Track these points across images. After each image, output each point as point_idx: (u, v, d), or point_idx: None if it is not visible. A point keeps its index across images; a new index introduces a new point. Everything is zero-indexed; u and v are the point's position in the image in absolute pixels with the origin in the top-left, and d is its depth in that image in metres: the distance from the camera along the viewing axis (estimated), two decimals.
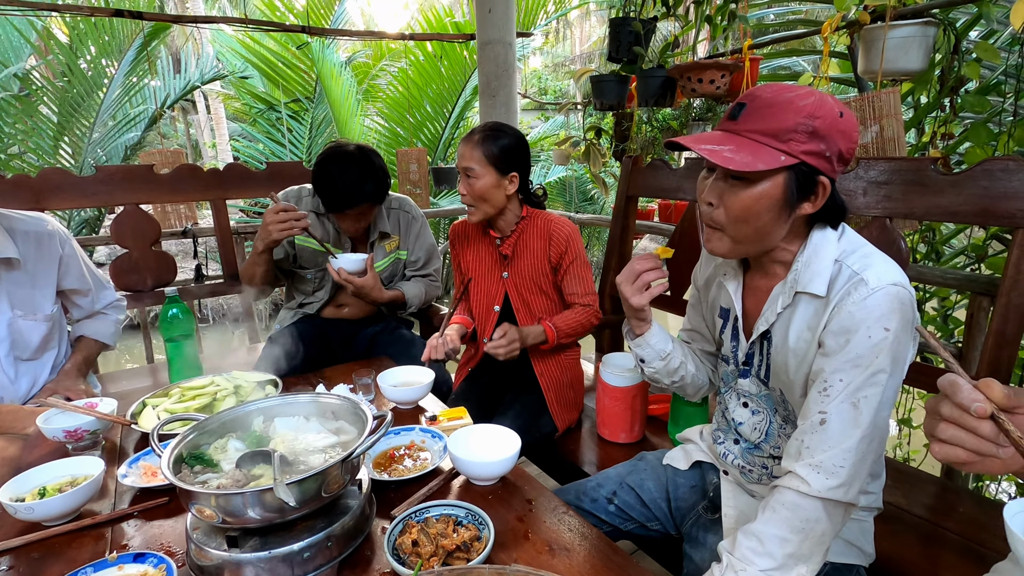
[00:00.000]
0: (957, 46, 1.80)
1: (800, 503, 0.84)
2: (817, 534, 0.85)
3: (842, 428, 0.83)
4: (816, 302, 0.89)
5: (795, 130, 0.81)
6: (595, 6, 13.47)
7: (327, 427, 0.98)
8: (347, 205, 1.72)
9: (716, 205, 0.89)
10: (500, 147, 1.50)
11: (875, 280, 0.82)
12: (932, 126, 1.91)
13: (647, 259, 1.01)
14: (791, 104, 0.82)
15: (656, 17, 2.46)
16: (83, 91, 5.80)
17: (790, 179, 0.84)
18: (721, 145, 0.84)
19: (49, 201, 1.98)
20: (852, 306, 0.82)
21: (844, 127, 0.83)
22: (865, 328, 0.81)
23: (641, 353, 1.12)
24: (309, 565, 0.81)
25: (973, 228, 2.16)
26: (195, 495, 0.77)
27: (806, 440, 0.85)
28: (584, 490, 1.23)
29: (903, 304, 0.81)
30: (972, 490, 1.61)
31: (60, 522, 0.96)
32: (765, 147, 0.83)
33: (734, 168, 0.81)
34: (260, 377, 1.43)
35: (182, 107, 13.13)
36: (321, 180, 1.71)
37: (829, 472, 0.83)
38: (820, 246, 0.89)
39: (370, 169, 1.73)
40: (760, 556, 0.85)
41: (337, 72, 6.27)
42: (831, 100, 0.83)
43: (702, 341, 1.20)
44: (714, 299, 1.11)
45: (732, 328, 1.04)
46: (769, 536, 0.85)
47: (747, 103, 0.86)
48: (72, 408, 1.21)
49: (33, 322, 1.55)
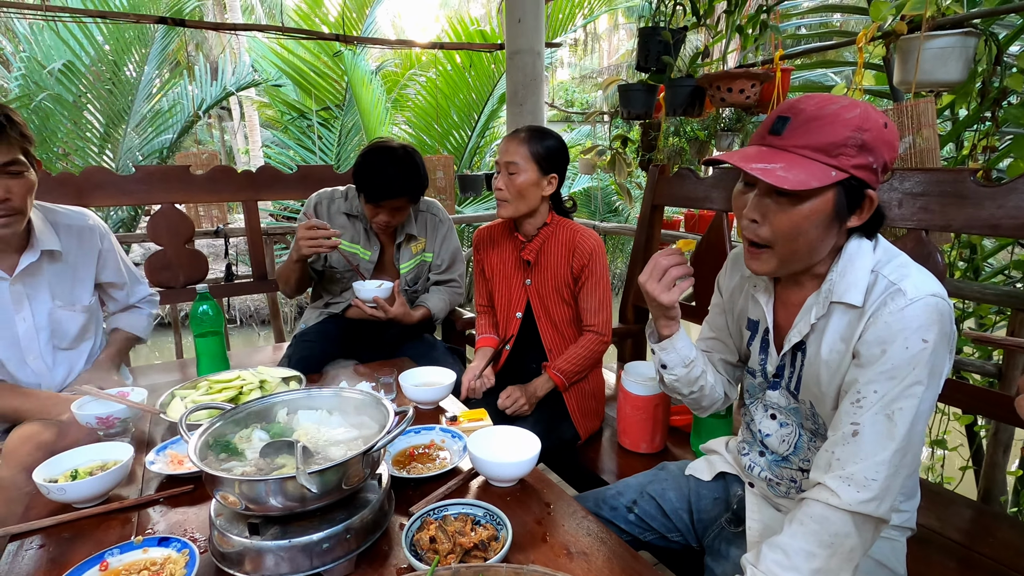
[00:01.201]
0: (999, 57, 1.75)
1: (829, 516, 0.82)
2: (846, 549, 0.82)
3: (875, 440, 0.80)
4: (851, 313, 0.87)
5: (845, 143, 0.79)
6: (624, 19, 13.48)
7: (349, 422, 0.99)
8: (388, 195, 1.74)
9: (761, 223, 0.86)
10: (545, 147, 1.53)
11: (913, 291, 0.80)
12: (972, 139, 1.86)
13: (671, 254, 0.97)
14: (838, 117, 0.80)
15: (686, 27, 2.45)
16: (127, 98, 6.04)
17: (840, 194, 0.82)
18: (770, 163, 0.81)
19: (91, 198, 2.05)
20: (889, 316, 0.80)
21: (889, 138, 0.82)
22: (903, 339, 0.79)
23: (665, 358, 1.07)
24: (328, 556, 0.81)
25: (1015, 246, 2.09)
26: (220, 481, 0.78)
27: (837, 452, 0.83)
28: (604, 498, 1.21)
29: (942, 315, 0.79)
30: (1011, 515, 1.55)
31: (90, 504, 0.98)
32: (815, 163, 0.81)
33: (789, 187, 0.79)
34: (285, 373, 1.45)
35: (218, 114, 13.54)
36: (365, 170, 1.75)
37: (860, 485, 0.80)
38: (856, 256, 0.87)
39: (412, 166, 1.77)
40: (786, 570, 0.82)
41: (367, 80, 6.40)
42: (875, 111, 0.82)
43: (723, 351, 1.16)
44: (741, 310, 1.08)
45: (762, 340, 1.02)
46: (796, 550, 0.82)
47: (791, 117, 0.83)
48: (105, 396, 1.24)
49: (72, 313, 1.60)
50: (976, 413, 1.31)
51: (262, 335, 7.05)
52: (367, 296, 1.73)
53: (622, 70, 13.07)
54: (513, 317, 1.71)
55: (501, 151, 1.56)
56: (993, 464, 1.52)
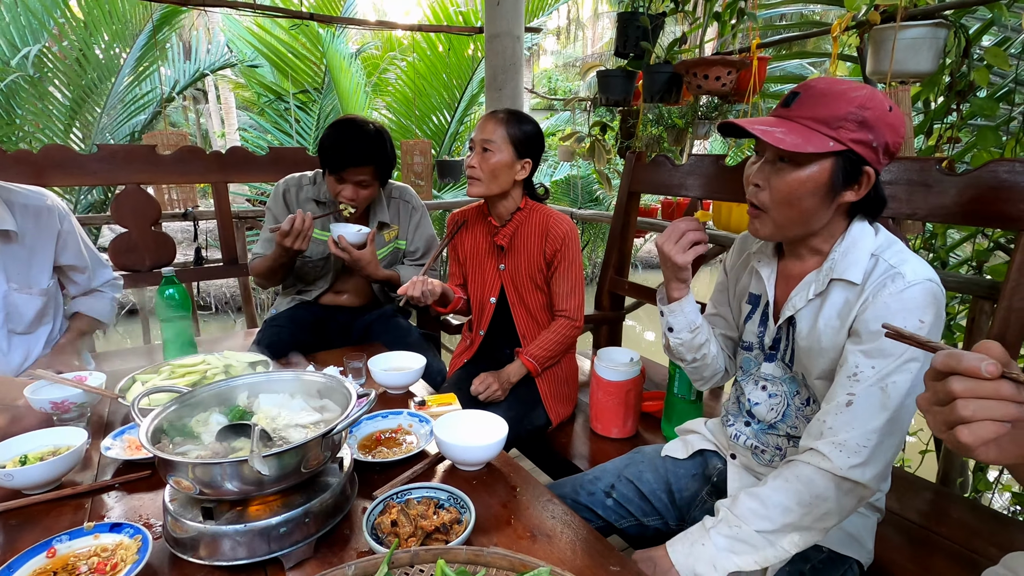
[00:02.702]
0: (967, 49, 1.77)
1: (815, 478, 0.86)
2: (821, 512, 0.86)
3: (868, 410, 0.85)
4: (849, 291, 0.91)
5: (846, 118, 0.84)
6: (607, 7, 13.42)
7: (312, 405, 0.97)
8: (351, 163, 1.70)
9: (763, 187, 0.92)
10: (523, 131, 1.52)
11: (912, 274, 0.85)
12: (940, 130, 1.89)
13: (690, 220, 1.01)
14: (844, 95, 0.86)
15: (664, 13, 2.44)
16: (96, 77, 5.82)
17: (837, 165, 0.87)
18: (774, 128, 0.86)
19: (50, 177, 1.98)
20: (888, 297, 0.85)
21: (892, 121, 0.86)
22: (901, 318, 0.83)
23: (672, 321, 1.10)
24: (286, 540, 0.80)
25: (978, 236, 2.14)
26: (173, 465, 0.76)
27: (829, 421, 0.88)
28: (581, 483, 1.22)
29: (937, 299, 0.84)
30: (966, 497, 1.59)
31: (40, 491, 0.95)
32: (816, 132, 0.86)
33: (785, 148, 0.84)
34: (251, 358, 1.42)
35: (193, 96, 13.18)
36: (329, 139, 1.71)
37: (852, 451, 0.84)
38: (859, 238, 0.92)
39: (379, 138, 1.74)
40: (759, 518, 0.88)
41: (346, 64, 6.27)
42: (881, 95, 0.87)
43: (724, 326, 1.21)
44: (743, 286, 1.12)
45: (762, 313, 1.06)
46: (774, 503, 0.88)
47: (802, 92, 0.89)
48: (60, 380, 1.20)
49: (28, 296, 1.55)
50: None
51: (238, 322, 6.93)
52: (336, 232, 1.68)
53: (605, 58, 13.03)
54: (487, 302, 1.70)
55: (478, 129, 1.54)
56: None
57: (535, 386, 1.63)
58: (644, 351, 1.51)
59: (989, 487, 1.87)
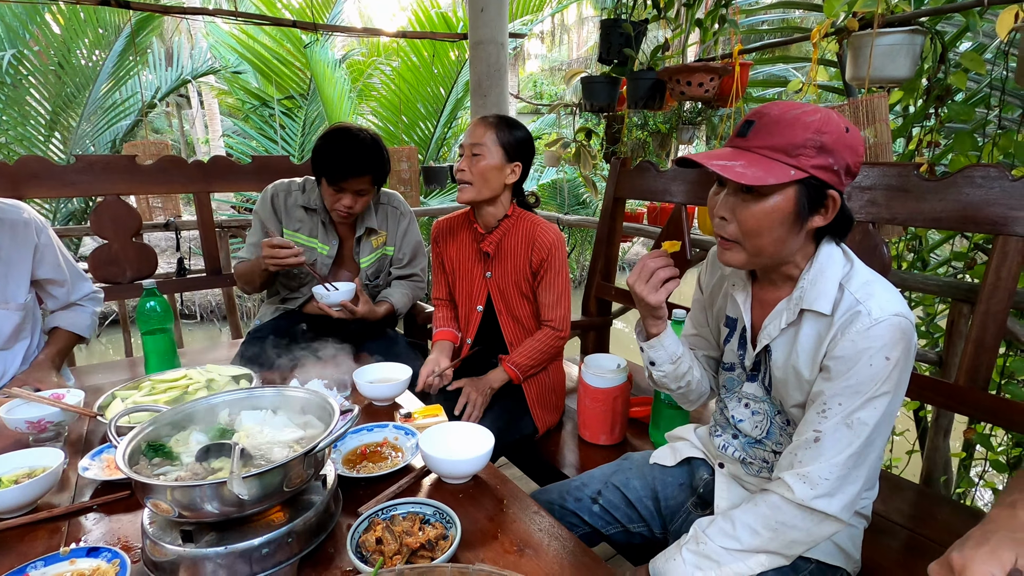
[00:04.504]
0: (944, 55, 1.80)
1: (782, 507, 0.88)
2: (788, 539, 0.88)
3: (834, 446, 0.86)
4: (820, 323, 0.90)
5: (804, 145, 0.83)
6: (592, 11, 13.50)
7: (295, 421, 0.96)
8: (351, 173, 1.69)
9: (729, 220, 0.91)
10: (513, 135, 1.53)
11: (878, 311, 0.84)
12: (919, 135, 1.92)
13: (658, 256, 1.00)
14: (799, 120, 0.84)
15: (647, 20, 2.46)
16: (76, 84, 5.73)
17: (800, 193, 0.85)
18: (731, 161, 0.85)
19: (27, 190, 1.94)
20: (855, 335, 0.84)
21: (850, 141, 0.85)
22: (867, 357, 0.83)
23: (653, 356, 1.09)
24: (268, 561, 0.78)
25: (958, 237, 2.17)
26: (150, 488, 0.74)
27: (799, 455, 0.89)
28: (568, 489, 1.21)
29: (905, 334, 0.84)
30: (951, 498, 1.61)
31: (15, 515, 0.93)
32: (776, 162, 0.84)
33: (746, 182, 0.83)
34: (234, 371, 1.40)
35: (176, 102, 13.05)
36: (326, 149, 1.70)
37: (813, 483, 0.86)
38: (827, 266, 0.91)
39: (376, 147, 1.74)
40: (726, 537, 0.90)
41: (331, 70, 6.24)
42: (836, 116, 0.86)
43: (706, 347, 1.19)
44: (720, 308, 1.11)
45: (740, 337, 1.05)
46: (742, 524, 0.90)
47: (755, 120, 0.88)
48: (37, 399, 1.18)
49: (5, 311, 1.52)
50: (919, 400, 1.35)
51: (224, 331, 6.85)
52: (333, 301, 1.69)
53: (591, 63, 13.10)
54: (474, 311, 1.69)
55: (467, 134, 1.54)
56: (934, 448, 1.58)
57: (522, 394, 1.63)
58: (632, 354, 1.51)
59: (972, 484, 1.90)
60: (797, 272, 0.94)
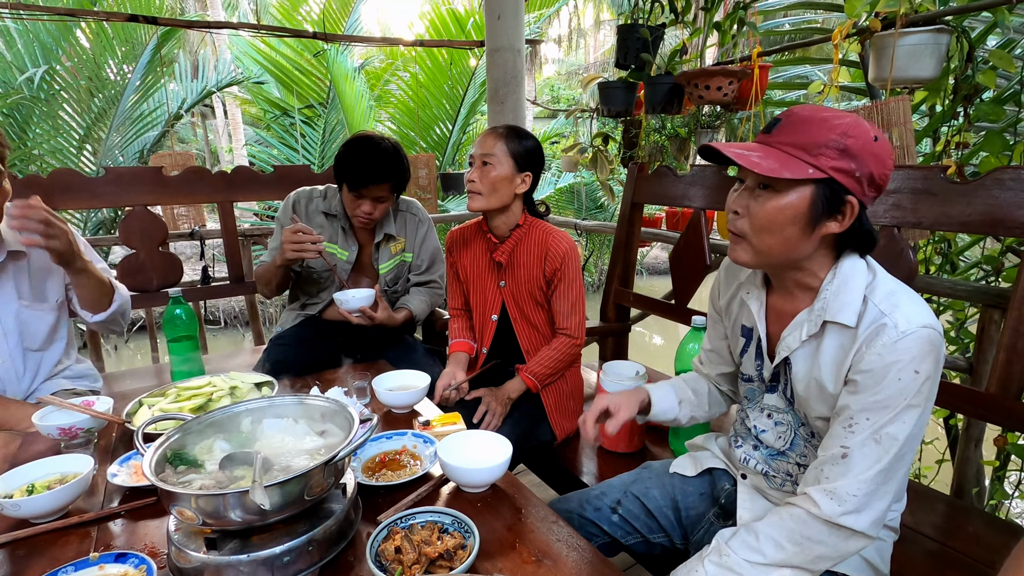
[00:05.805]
0: (971, 53, 1.76)
1: (807, 521, 0.86)
2: (813, 555, 0.86)
3: (862, 462, 0.83)
4: (844, 335, 0.88)
5: (826, 145, 0.82)
6: (609, 15, 13.47)
7: (315, 429, 0.97)
8: (372, 180, 1.73)
9: (742, 214, 0.90)
10: (523, 145, 1.54)
11: (904, 323, 0.81)
12: (946, 135, 1.87)
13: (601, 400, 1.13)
14: (826, 122, 0.83)
15: (664, 24, 2.44)
16: (106, 97, 5.92)
17: (817, 193, 0.84)
18: (750, 152, 0.85)
19: (59, 201, 2.01)
20: (882, 348, 0.82)
21: (877, 151, 0.83)
22: (896, 371, 0.81)
23: (654, 420, 1.18)
24: (289, 569, 0.79)
25: (988, 240, 2.11)
26: (175, 496, 0.76)
27: (825, 470, 0.87)
28: (587, 498, 1.21)
29: (934, 345, 0.81)
30: (982, 510, 1.56)
31: (47, 520, 0.96)
32: (794, 158, 0.83)
33: (760, 171, 0.82)
34: (257, 378, 1.43)
35: (201, 112, 13.35)
36: (348, 156, 1.74)
37: (841, 499, 0.84)
38: (850, 276, 0.88)
39: (397, 154, 1.78)
40: (750, 550, 0.88)
41: (350, 78, 6.34)
42: (867, 124, 0.84)
43: (721, 363, 1.20)
44: (735, 318, 1.10)
45: (756, 348, 1.03)
46: (766, 537, 0.88)
47: (783, 119, 0.87)
48: (68, 406, 1.21)
49: (40, 312, 1.56)
50: (949, 408, 1.31)
51: (247, 336, 6.98)
52: (353, 307, 1.71)
53: (608, 66, 13.07)
54: (488, 320, 1.69)
55: (477, 144, 1.55)
56: (965, 459, 1.54)
57: (540, 401, 1.63)
58: (651, 359, 1.50)
59: (1007, 496, 1.83)
60: (815, 282, 0.92)
